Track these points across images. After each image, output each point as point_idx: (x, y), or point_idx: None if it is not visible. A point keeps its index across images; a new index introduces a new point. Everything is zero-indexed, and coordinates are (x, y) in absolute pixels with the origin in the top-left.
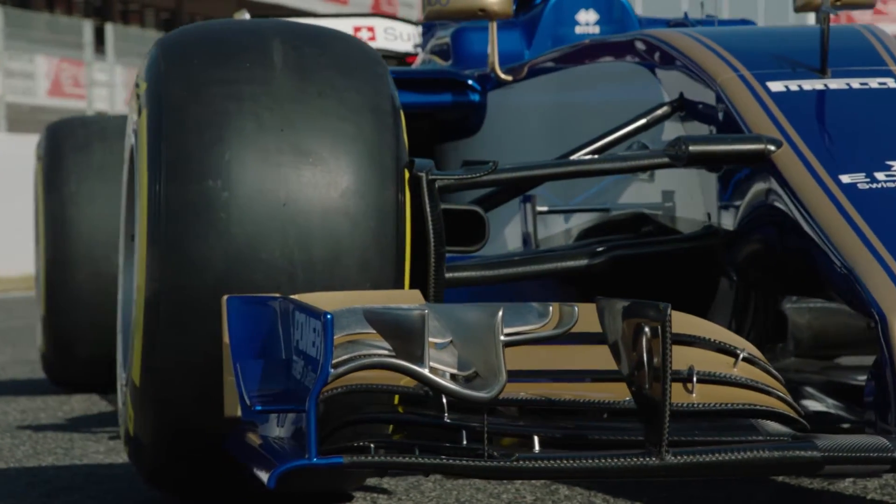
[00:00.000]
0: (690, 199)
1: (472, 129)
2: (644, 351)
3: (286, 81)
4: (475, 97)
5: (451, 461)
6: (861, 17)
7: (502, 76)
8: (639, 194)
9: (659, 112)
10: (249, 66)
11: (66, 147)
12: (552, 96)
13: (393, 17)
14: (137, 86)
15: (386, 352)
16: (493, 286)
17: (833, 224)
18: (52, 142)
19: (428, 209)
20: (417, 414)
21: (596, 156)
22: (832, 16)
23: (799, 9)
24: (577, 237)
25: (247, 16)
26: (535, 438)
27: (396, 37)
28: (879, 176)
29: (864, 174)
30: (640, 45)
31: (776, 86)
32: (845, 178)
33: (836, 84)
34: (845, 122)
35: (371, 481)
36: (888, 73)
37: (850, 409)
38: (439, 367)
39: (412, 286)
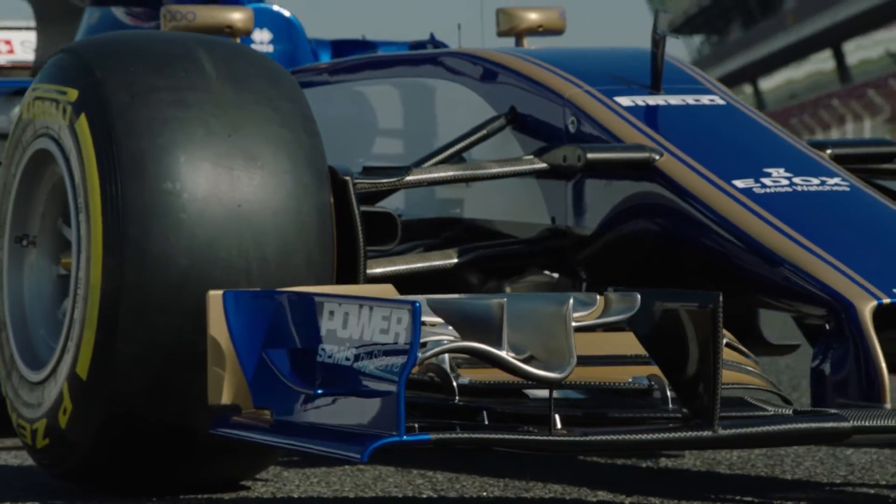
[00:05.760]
0: (530, 205)
1: None
2: (694, 335)
3: (225, 89)
4: None
5: (527, 437)
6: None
7: None
8: (447, 202)
9: (495, 124)
10: (186, 74)
11: None
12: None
13: (29, 29)
14: (63, 93)
15: (453, 338)
16: None
17: (754, 226)
18: None
19: (356, 211)
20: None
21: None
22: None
23: (502, 34)
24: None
25: None
26: (556, 417)
27: (35, 49)
28: (767, 182)
29: (752, 179)
30: (451, 61)
31: (624, 101)
32: (739, 184)
33: (674, 100)
34: (705, 134)
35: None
36: (709, 91)
37: None
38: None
39: (337, 282)
